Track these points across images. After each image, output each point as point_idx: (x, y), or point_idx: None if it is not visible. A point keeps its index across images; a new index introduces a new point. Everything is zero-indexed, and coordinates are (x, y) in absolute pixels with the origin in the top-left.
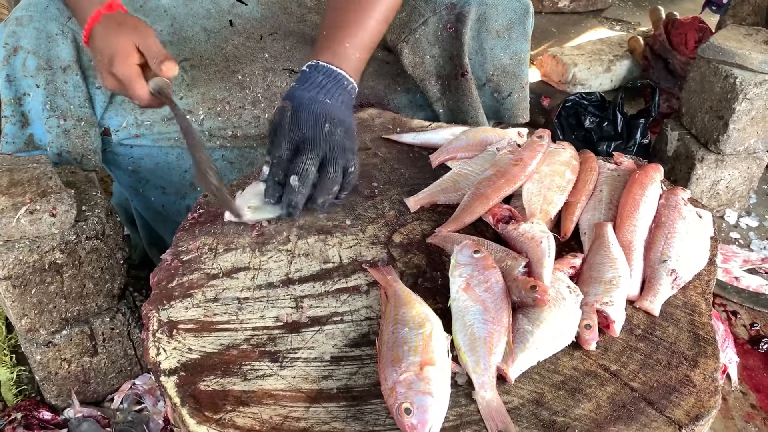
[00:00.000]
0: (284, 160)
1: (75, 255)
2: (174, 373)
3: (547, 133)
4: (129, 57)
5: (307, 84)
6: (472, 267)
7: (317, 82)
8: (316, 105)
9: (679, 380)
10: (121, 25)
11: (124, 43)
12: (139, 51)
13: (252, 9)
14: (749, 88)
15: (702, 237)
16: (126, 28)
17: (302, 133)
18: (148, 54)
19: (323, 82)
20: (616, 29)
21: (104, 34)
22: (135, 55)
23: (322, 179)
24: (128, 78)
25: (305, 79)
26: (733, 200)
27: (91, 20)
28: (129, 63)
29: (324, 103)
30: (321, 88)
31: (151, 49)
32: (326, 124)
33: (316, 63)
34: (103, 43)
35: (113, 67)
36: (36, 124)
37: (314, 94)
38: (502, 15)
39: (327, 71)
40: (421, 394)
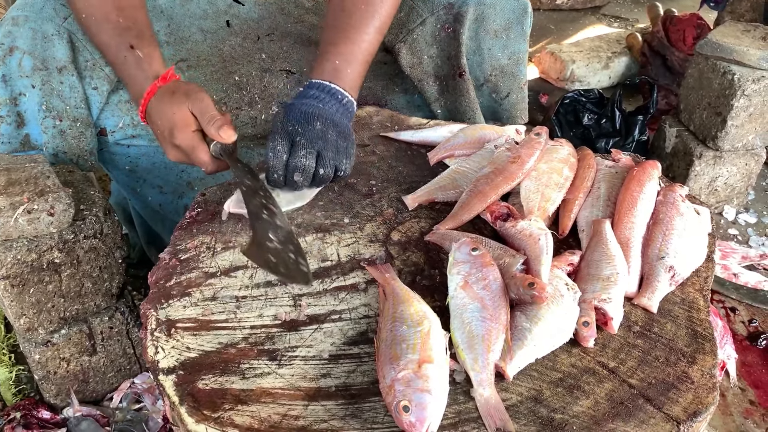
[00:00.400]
0: (281, 153)
1: (73, 254)
2: (172, 371)
3: (545, 130)
4: (187, 126)
5: (304, 98)
6: (470, 264)
7: (312, 95)
8: (308, 107)
9: (677, 377)
10: (174, 94)
11: (180, 112)
12: (195, 117)
13: (249, 9)
14: (747, 84)
15: (700, 233)
16: (179, 96)
17: (295, 128)
18: (202, 120)
19: (318, 95)
20: (615, 26)
21: (160, 107)
22: (193, 123)
23: (317, 176)
24: (190, 147)
25: (302, 95)
26: (731, 197)
27: (147, 95)
28: (187, 132)
29: (316, 106)
30: (316, 98)
31: (205, 114)
32: (317, 123)
33: (311, 81)
34: (160, 116)
35: (174, 138)
36: (32, 125)
37: (308, 101)
38: (500, 15)
39: (320, 86)
40: (419, 391)
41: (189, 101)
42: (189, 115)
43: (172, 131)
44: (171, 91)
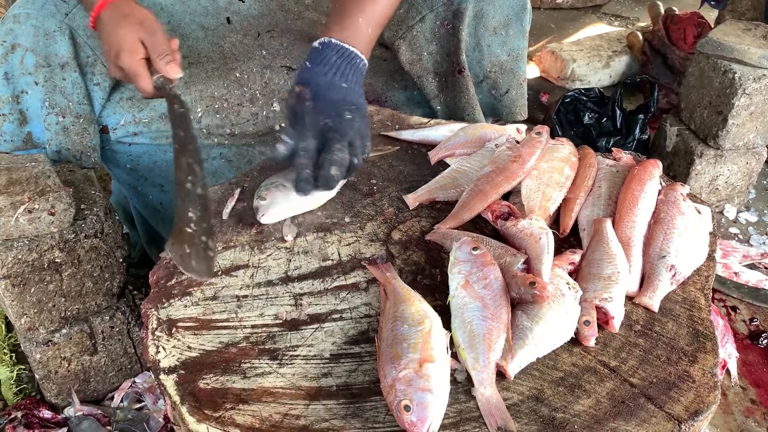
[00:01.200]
0: (311, 150)
1: (74, 254)
2: (173, 371)
3: (546, 129)
4: (134, 52)
5: (321, 65)
6: (471, 264)
7: (331, 62)
8: (334, 92)
9: (678, 376)
10: (127, 17)
11: (130, 38)
12: (144, 46)
13: (249, 6)
14: (748, 83)
15: (701, 232)
16: (132, 21)
17: (326, 123)
18: (152, 52)
19: (337, 62)
20: (615, 25)
21: (111, 25)
22: (141, 51)
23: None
24: (134, 72)
25: (318, 59)
26: (732, 195)
27: (97, 7)
28: (134, 58)
29: (340, 88)
30: (336, 69)
31: (156, 47)
32: (347, 113)
33: (329, 40)
34: (110, 34)
35: (119, 60)
36: (34, 122)
37: (330, 78)
38: (500, 11)
39: (339, 50)
40: (420, 391)
41: (143, 30)
42: (138, 43)
43: (119, 53)
44: (124, 13)
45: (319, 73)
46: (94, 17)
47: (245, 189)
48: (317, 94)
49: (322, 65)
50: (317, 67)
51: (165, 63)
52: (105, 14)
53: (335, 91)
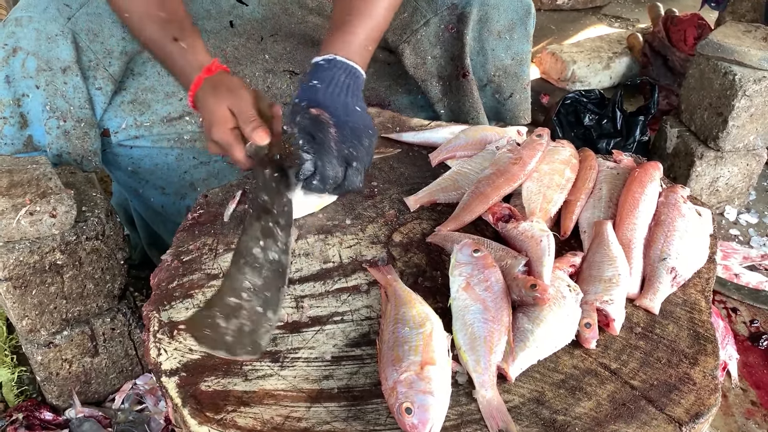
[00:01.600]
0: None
1: (75, 256)
2: (175, 373)
3: (547, 131)
4: (225, 123)
5: (332, 86)
6: (472, 266)
7: (341, 82)
8: (352, 117)
9: (679, 378)
10: (217, 89)
11: (220, 109)
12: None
13: (253, 10)
14: (748, 84)
15: (701, 235)
16: (221, 91)
17: (350, 152)
18: (239, 119)
19: (346, 82)
20: (615, 26)
21: (204, 100)
22: (230, 120)
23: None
24: (227, 144)
25: (328, 79)
26: (732, 197)
27: (194, 86)
28: (225, 128)
29: (355, 112)
30: (347, 90)
31: (242, 114)
32: (365, 140)
33: (334, 58)
34: (204, 109)
35: (212, 134)
36: (35, 126)
37: (344, 100)
38: (504, 16)
39: (347, 68)
40: (421, 393)
41: (230, 98)
42: (227, 112)
43: (211, 127)
44: (214, 86)
45: (331, 94)
46: (192, 96)
47: (246, 191)
48: (338, 120)
49: (333, 86)
50: (329, 87)
51: (251, 130)
52: (200, 92)
53: (354, 116)
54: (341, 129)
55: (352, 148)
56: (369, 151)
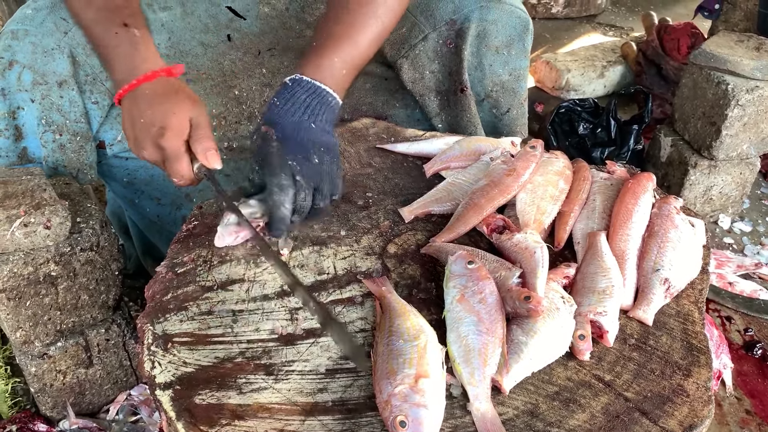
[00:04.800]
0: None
1: (70, 267)
2: (169, 386)
3: (540, 143)
4: (181, 133)
5: (289, 104)
6: (467, 278)
7: (300, 101)
8: (302, 133)
9: (672, 390)
10: (179, 94)
11: (180, 115)
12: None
13: (250, 24)
14: (741, 94)
15: (694, 245)
16: (184, 99)
17: (293, 165)
18: (195, 134)
19: (307, 101)
20: (609, 35)
21: (157, 100)
22: (186, 132)
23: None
24: (175, 154)
25: (287, 97)
26: (726, 205)
27: (143, 78)
28: (179, 138)
29: (309, 129)
30: (305, 108)
31: (201, 130)
32: (314, 156)
33: (300, 78)
34: (155, 109)
35: (163, 139)
36: (30, 138)
37: (298, 118)
38: (502, 31)
39: (310, 87)
40: (415, 406)
41: (192, 110)
42: (187, 123)
43: (164, 131)
44: (175, 90)
45: (287, 112)
46: (132, 87)
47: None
48: (284, 135)
49: (290, 104)
50: (285, 105)
51: (205, 149)
52: (149, 87)
53: (303, 132)
54: (286, 143)
55: (296, 162)
56: (320, 168)
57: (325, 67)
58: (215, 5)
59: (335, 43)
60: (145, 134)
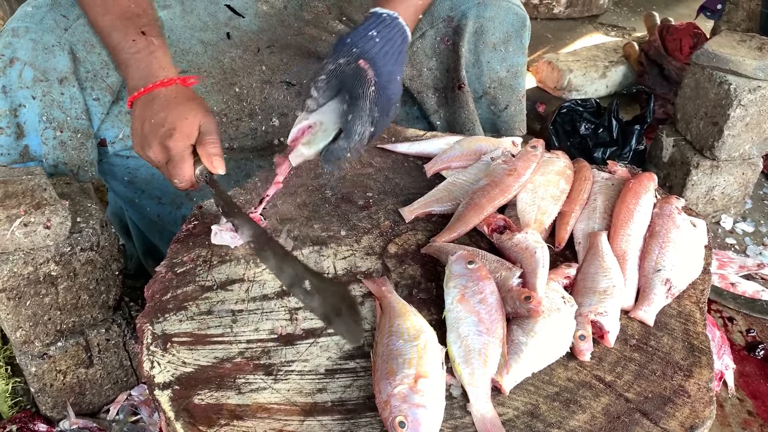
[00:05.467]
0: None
1: (70, 267)
2: (168, 386)
3: (541, 142)
4: (189, 137)
5: (387, 46)
6: (467, 278)
7: (396, 45)
8: (394, 87)
9: (673, 391)
10: (192, 101)
11: (192, 119)
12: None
13: (249, 22)
14: (744, 94)
15: (696, 246)
16: (197, 105)
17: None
18: (204, 140)
19: (400, 47)
20: (612, 35)
21: (169, 103)
22: (194, 137)
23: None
24: (180, 156)
25: (387, 37)
26: (728, 206)
27: (159, 83)
28: (186, 142)
29: (397, 84)
30: (398, 55)
31: (209, 136)
32: (392, 113)
33: (397, 17)
34: (168, 112)
35: (171, 140)
36: (31, 136)
37: (391, 67)
38: (499, 28)
39: (403, 32)
40: (415, 407)
41: (204, 118)
42: (196, 128)
43: (173, 133)
44: (189, 97)
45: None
46: (147, 90)
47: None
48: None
49: (388, 46)
50: (384, 46)
51: (212, 155)
52: (164, 92)
53: (393, 85)
54: (379, 93)
55: (378, 114)
56: (387, 124)
57: (411, 9)
58: (214, 3)
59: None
60: (153, 134)
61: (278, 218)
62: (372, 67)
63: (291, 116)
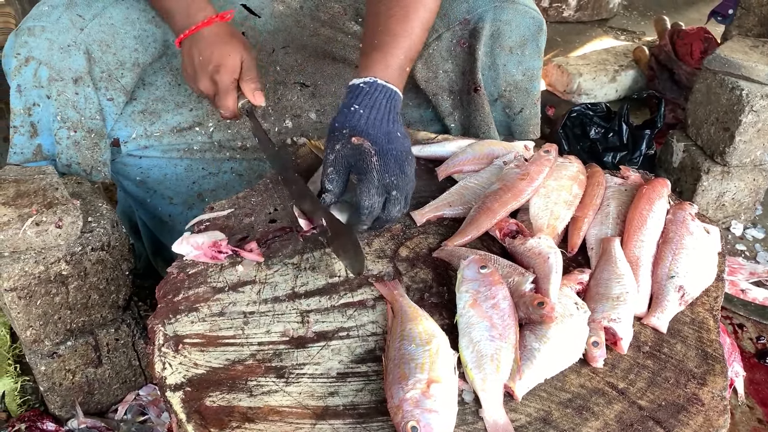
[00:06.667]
0: (377, 209)
1: (80, 266)
2: (180, 388)
3: (554, 147)
4: (234, 71)
5: (374, 112)
6: (479, 283)
7: (382, 108)
8: (395, 144)
9: (687, 399)
10: (234, 38)
11: (235, 56)
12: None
13: (265, 22)
14: (756, 100)
15: (709, 252)
16: (239, 43)
17: (392, 180)
18: (245, 75)
19: (387, 107)
20: (621, 39)
21: (213, 42)
22: (238, 71)
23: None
24: (225, 89)
25: (369, 104)
26: (739, 212)
27: (201, 24)
28: (231, 76)
29: (397, 139)
30: (388, 114)
31: (251, 71)
32: (408, 168)
33: (375, 81)
34: (213, 48)
35: (218, 74)
36: (44, 135)
37: (386, 128)
38: (516, 31)
39: (387, 92)
40: (427, 412)
41: (246, 53)
42: (239, 64)
43: (219, 68)
44: (230, 33)
45: (374, 121)
46: (191, 32)
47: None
48: (381, 149)
49: (375, 111)
50: (371, 114)
51: (253, 89)
52: (208, 31)
53: (396, 143)
54: (384, 158)
55: (394, 177)
56: (411, 178)
57: (392, 67)
58: (230, 3)
59: (395, 40)
60: (203, 70)
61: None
62: (366, 138)
63: (304, 117)
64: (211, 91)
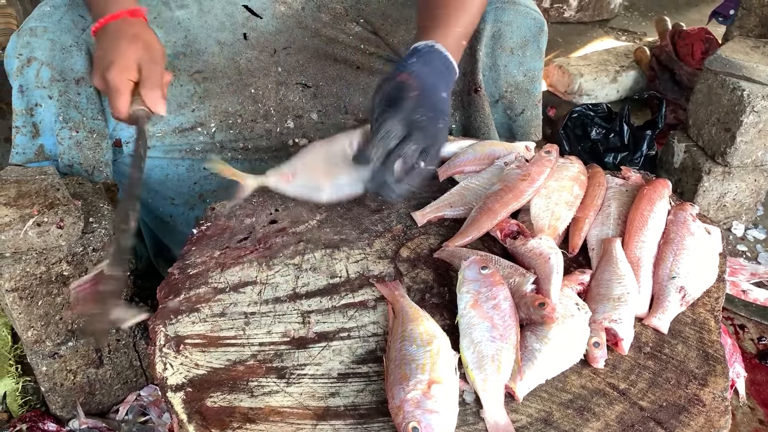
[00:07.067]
0: (393, 137)
1: (82, 267)
2: (181, 388)
3: (555, 148)
4: (126, 71)
5: (428, 68)
6: (480, 283)
7: (437, 68)
8: (439, 97)
9: (688, 399)
10: (136, 37)
11: (129, 56)
12: (139, 70)
13: (267, 23)
14: (757, 100)
15: (711, 253)
16: (139, 42)
17: (420, 119)
18: (145, 79)
19: (442, 70)
20: (623, 39)
21: (115, 37)
22: (133, 73)
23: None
24: (116, 89)
25: (426, 60)
26: (740, 213)
27: (110, 17)
28: (123, 76)
29: (442, 98)
30: (441, 76)
31: (152, 78)
32: (441, 123)
33: (434, 45)
34: (110, 45)
35: (108, 72)
36: (46, 135)
37: (436, 81)
38: (517, 32)
39: (445, 59)
40: (428, 413)
41: (145, 55)
42: (134, 64)
43: (110, 65)
44: (134, 32)
45: (426, 73)
46: (101, 25)
47: None
48: (424, 90)
49: (428, 68)
50: (424, 67)
51: (153, 97)
52: (113, 25)
53: (439, 97)
54: (421, 98)
55: (424, 118)
56: (441, 133)
57: (451, 38)
58: (232, 4)
59: (456, 13)
60: (98, 65)
61: (291, 221)
62: (413, 77)
63: (306, 118)
64: (103, 88)
